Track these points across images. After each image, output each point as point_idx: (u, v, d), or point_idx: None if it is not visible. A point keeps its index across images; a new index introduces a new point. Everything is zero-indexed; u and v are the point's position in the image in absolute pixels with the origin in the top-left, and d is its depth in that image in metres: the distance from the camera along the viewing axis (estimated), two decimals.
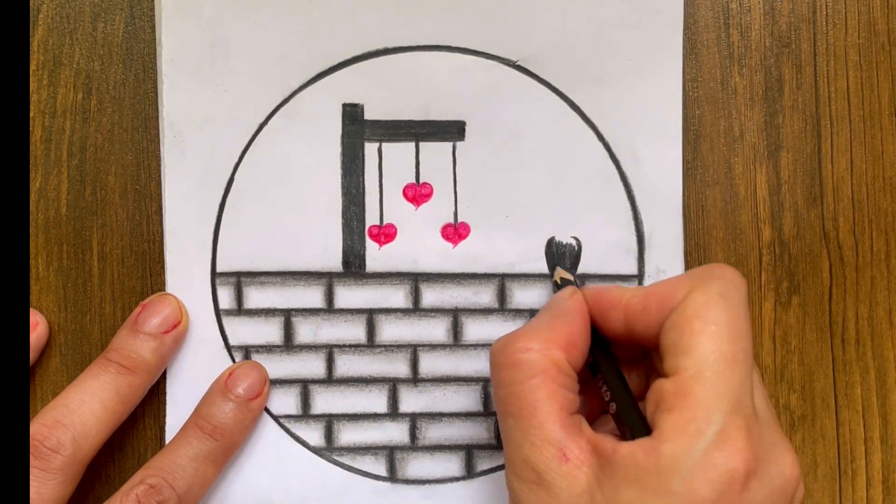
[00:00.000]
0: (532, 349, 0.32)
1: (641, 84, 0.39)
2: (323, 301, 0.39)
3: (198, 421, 0.37)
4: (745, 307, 0.32)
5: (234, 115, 0.38)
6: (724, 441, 0.29)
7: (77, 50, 0.39)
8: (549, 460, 0.31)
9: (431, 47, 0.39)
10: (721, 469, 0.29)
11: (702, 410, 0.30)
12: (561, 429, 0.31)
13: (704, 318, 0.31)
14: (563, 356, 0.33)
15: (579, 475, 0.31)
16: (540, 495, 0.31)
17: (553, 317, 0.34)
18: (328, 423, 0.39)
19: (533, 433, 0.31)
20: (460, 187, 0.39)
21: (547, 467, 0.31)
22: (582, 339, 0.34)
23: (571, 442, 0.31)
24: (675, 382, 0.31)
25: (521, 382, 0.32)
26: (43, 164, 0.39)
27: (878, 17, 0.40)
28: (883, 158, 0.40)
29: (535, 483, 0.31)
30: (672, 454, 0.29)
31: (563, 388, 0.32)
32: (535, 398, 0.32)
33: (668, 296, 0.32)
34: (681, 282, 0.33)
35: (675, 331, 0.31)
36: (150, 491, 0.35)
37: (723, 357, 0.30)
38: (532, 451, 0.31)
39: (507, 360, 0.33)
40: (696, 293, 0.32)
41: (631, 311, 0.33)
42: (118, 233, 0.39)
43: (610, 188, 0.39)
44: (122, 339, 0.37)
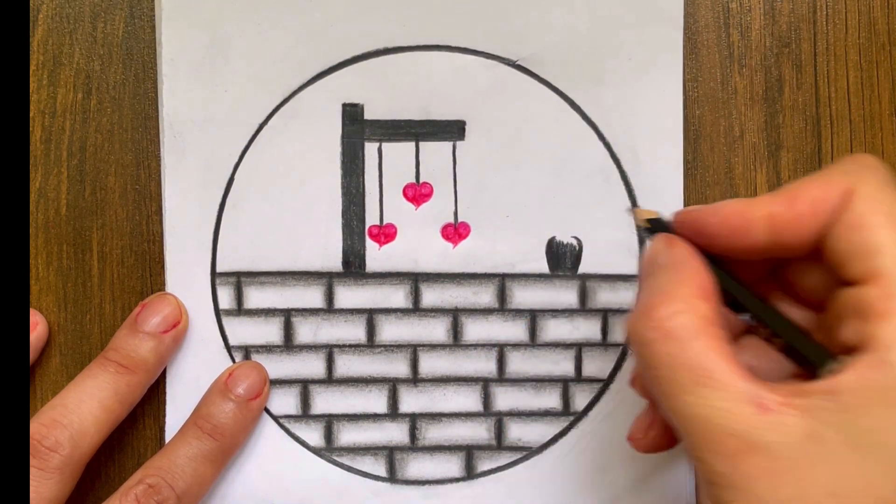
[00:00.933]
0: (679, 311, 0.29)
1: (641, 84, 0.39)
2: (323, 301, 0.39)
3: (197, 421, 0.37)
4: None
5: (234, 115, 0.38)
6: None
7: (77, 50, 0.39)
8: (749, 418, 0.27)
9: (431, 47, 0.39)
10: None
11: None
12: (747, 382, 0.27)
13: (883, 212, 0.28)
14: (709, 307, 0.29)
15: (792, 421, 0.27)
16: (755, 462, 0.27)
17: (673, 271, 0.30)
18: (328, 423, 0.39)
19: (720, 397, 0.27)
20: (460, 187, 0.39)
21: (751, 427, 0.27)
22: (710, 282, 0.30)
23: (764, 390, 0.27)
24: (876, 287, 0.27)
25: (684, 351, 0.28)
26: (43, 164, 0.39)
27: (878, 17, 0.40)
28: (883, 158, 0.40)
29: (745, 451, 0.27)
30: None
31: (724, 341, 0.28)
32: (704, 361, 0.28)
33: (824, 195, 0.29)
34: (830, 177, 0.29)
35: (855, 233, 0.28)
36: (149, 491, 0.35)
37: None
38: (727, 417, 0.27)
39: (655, 333, 0.29)
40: (863, 187, 0.28)
41: (779, 220, 0.29)
42: (118, 233, 0.39)
43: (610, 188, 0.39)
44: (121, 338, 0.37)
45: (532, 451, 0.39)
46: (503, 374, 0.39)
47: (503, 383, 0.39)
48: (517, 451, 0.39)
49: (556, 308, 0.39)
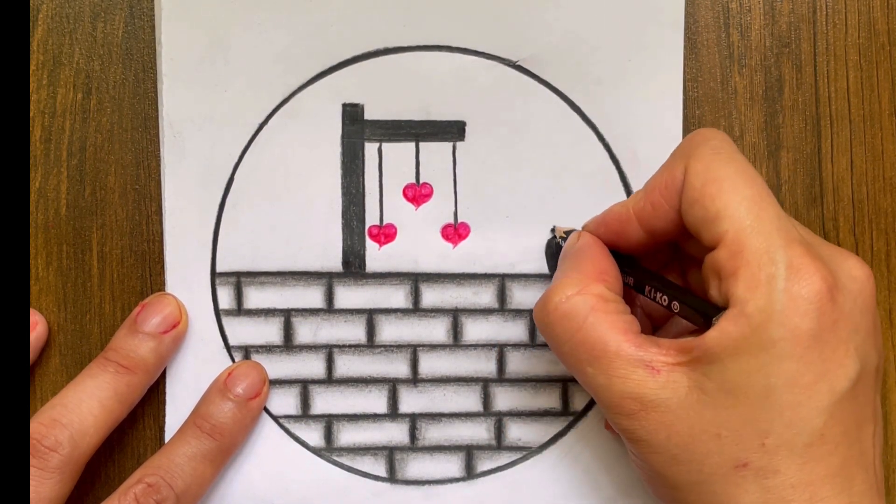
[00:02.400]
0: (571, 294, 0.32)
1: (641, 84, 0.39)
2: (323, 301, 0.39)
3: (197, 420, 0.37)
4: (739, 153, 0.32)
5: (234, 115, 0.38)
6: (796, 271, 0.29)
7: (77, 50, 0.39)
8: (642, 381, 0.31)
9: (431, 47, 0.39)
10: (808, 296, 0.29)
11: (762, 255, 0.30)
12: (637, 349, 0.31)
13: (714, 179, 0.31)
14: (602, 286, 0.33)
15: (678, 378, 0.31)
16: (652, 418, 0.31)
17: (574, 259, 0.34)
18: (328, 423, 0.39)
19: (615, 366, 0.31)
20: (460, 187, 0.39)
21: (644, 388, 0.31)
22: (610, 265, 0.34)
23: (653, 355, 0.31)
24: (723, 249, 0.30)
25: (579, 328, 0.32)
26: (43, 164, 0.39)
27: (878, 17, 0.40)
28: (883, 158, 0.40)
29: (641, 409, 0.31)
30: (759, 308, 0.29)
31: (619, 314, 0.32)
32: (598, 335, 0.32)
33: (669, 181, 0.32)
34: (673, 163, 0.33)
35: (696, 206, 0.31)
36: (149, 490, 0.35)
37: (752, 202, 0.30)
38: (623, 382, 0.31)
39: (554, 315, 0.32)
40: (693, 162, 0.32)
41: (643, 215, 0.33)
42: (118, 233, 0.39)
43: (610, 188, 0.39)
44: (121, 338, 0.37)
45: (532, 451, 0.39)
46: (503, 374, 0.39)
47: (503, 383, 0.39)
48: (517, 451, 0.39)
49: None
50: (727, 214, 0.30)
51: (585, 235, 0.35)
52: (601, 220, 0.35)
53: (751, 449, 0.30)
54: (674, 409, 0.31)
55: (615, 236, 0.35)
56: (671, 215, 0.33)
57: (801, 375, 0.29)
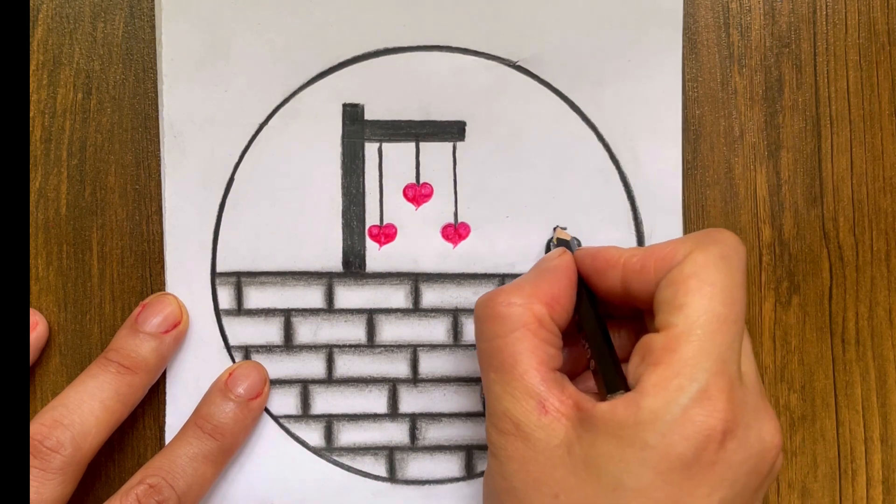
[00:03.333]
0: (514, 303, 0.33)
1: (641, 84, 0.39)
2: (323, 301, 0.39)
3: (198, 421, 0.37)
4: (744, 273, 0.32)
5: (234, 115, 0.38)
6: (704, 399, 0.29)
7: (77, 50, 0.39)
8: (528, 412, 0.31)
9: (431, 47, 0.39)
10: (699, 426, 0.29)
11: (687, 367, 0.30)
12: (541, 382, 0.32)
13: (701, 278, 0.31)
14: (546, 311, 0.33)
15: (557, 427, 0.31)
16: (517, 446, 0.31)
17: (538, 274, 0.34)
18: (328, 423, 0.39)
19: (513, 385, 0.32)
20: (460, 187, 0.39)
21: (526, 419, 0.31)
22: (567, 297, 0.34)
23: (551, 395, 0.31)
24: (663, 337, 0.31)
25: (503, 336, 0.32)
26: (43, 164, 0.39)
27: (878, 17, 0.40)
28: (883, 158, 0.40)
29: (514, 434, 0.31)
30: (652, 408, 0.29)
31: (545, 343, 0.32)
32: (516, 351, 0.32)
33: (668, 256, 0.32)
34: (681, 243, 0.33)
35: (671, 288, 0.31)
36: (150, 491, 0.35)
37: (714, 317, 0.30)
38: (512, 403, 0.32)
39: (490, 313, 0.33)
40: (697, 253, 0.32)
41: (629, 269, 0.33)
42: (118, 233, 0.39)
43: (610, 188, 0.39)
44: (121, 338, 0.37)
45: None
46: None
47: None
48: None
49: None
50: (687, 312, 0.30)
51: (565, 258, 0.35)
52: (594, 252, 0.35)
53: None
54: (538, 451, 0.31)
55: (595, 274, 0.34)
56: (651, 285, 0.33)
57: (653, 490, 0.29)
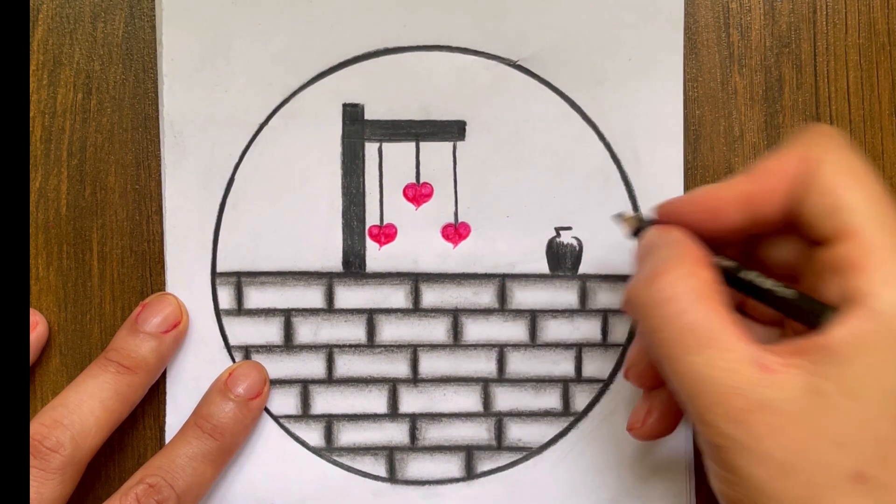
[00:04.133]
0: (680, 276, 0.30)
1: (641, 84, 0.39)
2: (323, 301, 0.39)
3: (198, 420, 0.37)
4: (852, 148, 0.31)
5: (234, 115, 0.38)
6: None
7: (77, 50, 0.39)
8: (752, 378, 0.28)
9: (431, 47, 0.39)
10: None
11: (893, 252, 0.28)
12: (748, 344, 0.28)
13: (846, 174, 0.30)
14: (711, 274, 0.30)
15: (792, 380, 0.28)
16: (760, 421, 0.28)
17: (671, 248, 0.31)
18: (328, 423, 0.39)
19: (725, 359, 0.28)
20: (460, 187, 0.39)
21: (756, 385, 0.28)
22: (704, 254, 0.31)
23: (764, 351, 0.28)
24: (848, 242, 0.29)
25: (685, 312, 0.29)
26: (43, 164, 0.39)
27: (878, 17, 0.40)
28: (883, 158, 0.40)
29: (751, 410, 0.28)
30: (891, 304, 0.27)
31: (726, 306, 0.30)
32: (709, 324, 0.29)
33: (787, 170, 0.31)
34: (795, 153, 0.31)
35: (823, 196, 0.30)
36: (150, 490, 0.35)
37: (879, 198, 0.29)
38: (732, 377, 0.28)
39: (658, 296, 0.30)
40: (825, 154, 0.30)
41: (753, 197, 0.31)
42: (118, 233, 0.39)
43: (610, 188, 0.39)
44: (121, 338, 0.37)
45: (532, 451, 0.39)
46: (503, 375, 0.39)
47: (503, 383, 0.39)
48: (517, 451, 0.39)
49: (557, 308, 0.39)
50: (857, 207, 0.29)
51: (673, 228, 0.32)
52: (688, 200, 0.32)
53: (870, 460, 0.27)
54: (787, 412, 0.28)
55: (707, 217, 0.32)
56: (783, 204, 0.31)
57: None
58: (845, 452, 0.27)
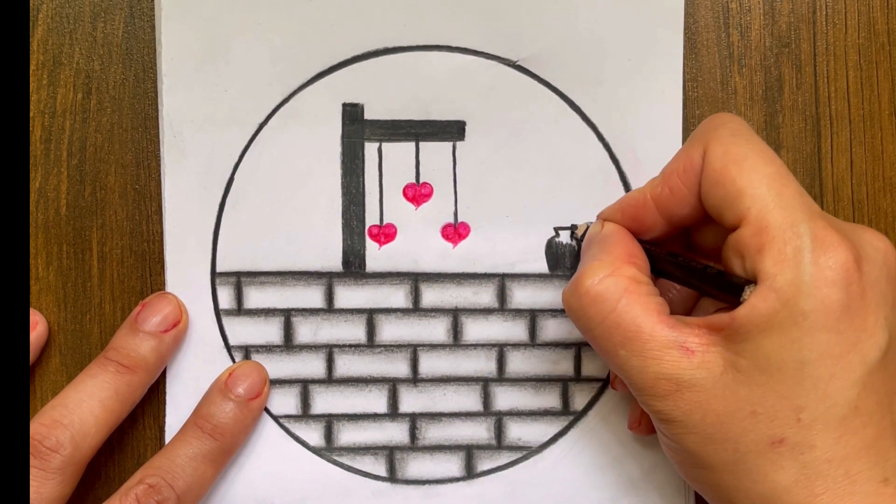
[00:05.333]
0: (604, 276, 0.32)
1: (641, 84, 0.39)
2: (323, 301, 0.39)
3: (198, 421, 0.37)
4: (756, 135, 0.32)
5: (234, 115, 0.38)
6: (821, 243, 0.30)
7: (77, 50, 0.39)
8: (676, 362, 0.31)
9: (431, 47, 0.39)
10: (835, 266, 0.29)
11: (787, 230, 0.30)
12: (671, 330, 0.31)
13: (734, 160, 0.31)
14: (633, 269, 0.33)
15: (712, 358, 0.31)
16: (686, 398, 0.31)
17: (601, 245, 0.34)
18: (328, 423, 0.39)
19: (649, 347, 0.31)
20: (460, 187, 0.39)
21: (679, 369, 0.31)
22: (638, 249, 0.34)
23: (687, 335, 0.31)
24: (747, 226, 0.30)
25: (612, 310, 0.32)
26: (43, 163, 0.39)
27: (878, 17, 0.40)
28: (883, 158, 0.40)
29: (676, 390, 0.31)
30: (788, 282, 0.29)
31: (651, 296, 0.32)
32: (632, 317, 0.31)
33: (688, 165, 0.32)
34: (690, 147, 0.33)
35: (717, 187, 0.31)
36: (150, 491, 0.35)
37: (772, 179, 0.31)
38: (657, 363, 0.31)
39: (586, 298, 0.32)
40: (713, 145, 0.32)
41: (662, 200, 0.33)
42: (118, 233, 0.39)
43: (610, 188, 0.39)
44: (121, 338, 0.37)
45: (532, 450, 0.39)
46: (503, 374, 0.39)
47: (503, 383, 0.39)
48: (517, 450, 0.39)
49: (556, 308, 0.39)
50: (749, 192, 0.31)
51: (609, 224, 0.35)
52: (617, 207, 0.35)
53: (786, 425, 0.30)
54: (709, 389, 0.30)
55: (632, 223, 0.35)
56: (690, 199, 0.33)
57: (834, 347, 0.29)
58: (763, 421, 0.30)
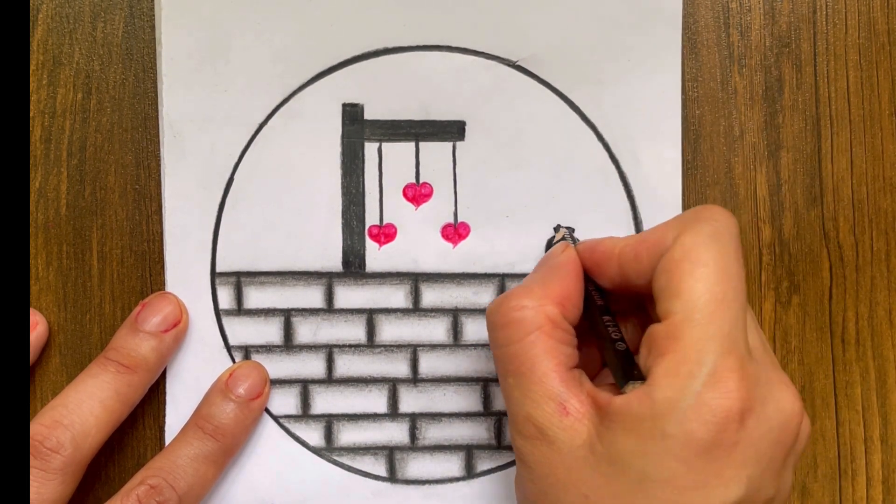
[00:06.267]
0: (526, 307, 0.32)
1: (641, 84, 0.39)
2: (323, 301, 0.39)
3: (198, 421, 0.37)
4: (737, 247, 0.32)
5: (234, 115, 0.38)
6: (716, 381, 0.29)
7: (77, 50, 0.39)
8: (549, 415, 0.31)
9: (431, 47, 0.39)
10: (715, 409, 0.29)
11: (693, 352, 0.29)
12: (561, 384, 0.31)
13: (693, 260, 0.31)
14: (558, 311, 0.33)
15: (580, 428, 0.31)
16: (542, 450, 0.31)
17: (546, 273, 0.34)
18: (328, 423, 0.39)
19: (533, 389, 0.32)
20: (460, 187, 0.39)
21: (548, 422, 0.31)
22: (577, 292, 0.34)
23: (571, 396, 0.31)
24: (666, 326, 0.30)
25: (518, 340, 0.32)
26: (43, 164, 0.39)
27: (878, 17, 0.40)
28: (883, 158, 0.40)
29: (538, 438, 0.31)
30: (665, 398, 0.29)
31: (561, 343, 0.32)
32: (532, 355, 0.32)
33: (659, 241, 0.32)
34: (671, 226, 0.32)
35: (666, 275, 0.31)
36: (151, 491, 0.35)
37: (713, 298, 0.30)
38: (533, 407, 0.31)
39: (502, 319, 0.33)
40: (685, 235, 0.31)
41: (624, 259, 0.33)
42: (118, 233, 0.39)
43: (610, 188, 0.39)
44: (121, 338, 0.37)
45: None
46: None
47: None
48: None
49: None
50: (685, 299, 0.30)
51: (569, 253, 0.35)
52: (592, 245, 0.35)
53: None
54: (563, 453, 0.31)
55: (595, 267, 0.34)
56: (646, 273, 0.32)
57: (680, 478, 0.29)
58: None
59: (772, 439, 0.30)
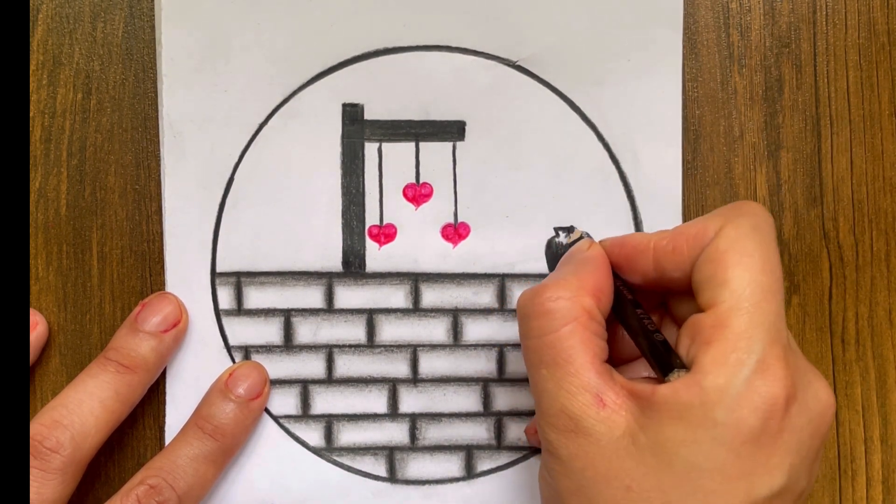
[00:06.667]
0: (562, 297, 0.32)
1: (641, 84, 0.39)
2: (323, 301, 0.39)
3: (198, 421, 0.37)
4: (775, 241, 0.32)
5: (234, 115, 0.38)
6: (764, 369, 0.29)
7: (77, 50, 0.39)
8: (586, 407, 0.31)
9: (431, 47, 0.39)
10: (764, 396, 0.29)
11: (742, 340, 0.30)
12: (596, 375, 0.31)
13: (739, 251, 0.31)
14: (593, 303, 0.32)
15: (618, 419, 0.31)
16: (578, 443, 0.31)
17: (578, 266, 0.34)
18: (328, 423, 0.39)
19: (568, 381, 0.31)
20: (460, 187, 0.39)
21: (584, 414, 0.31)
22: (608, 286, 0.34)
23: (607, 388, 0.31)
24: (712, 315, 0.30)
25: (554, 331, 0.32)
26: (43, 164, 0.39)
27: (878, 17, 0.40)
28: (883, 158, 0.40)
29: (573, 431, 0.31)
30: (715, 386, 0.29)
31: (595, 336, 0.32)
32: (568, 346, 0.31)
33: (700, 233, 0.32)
34: (712, 219, 0.32)
35: (711, 265, 0.31)
36: (151, 491, 0.35)
37: (759, 288, 0.30)
38: (568, 399, 0.31)
39: (538, 309, 0.32)
40: (729, 228, 0.31)
41: (661, 252, 0.33)
42: (118, 233, 0.39)
43: (610, 188, 0.39)
44: (121, 338, 0.37)
45: (532, 450, 0.39)
46: (503, 374, 0.39)
47: (503, 383, 0.39)
48: (517, 450, 0.39)
49: None
50: (732, 287, 0.30)
51: (596, 247, 0.35)
52: (620, 241, 0.35)
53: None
54: (602, 445, 0.30)
55: (626, 262, 0.34)
56: (686, 266, 0.32)
57: (729, 466, 0.29)
58: (633, 500, 0.30)
59: (812, 428, 0.31)
